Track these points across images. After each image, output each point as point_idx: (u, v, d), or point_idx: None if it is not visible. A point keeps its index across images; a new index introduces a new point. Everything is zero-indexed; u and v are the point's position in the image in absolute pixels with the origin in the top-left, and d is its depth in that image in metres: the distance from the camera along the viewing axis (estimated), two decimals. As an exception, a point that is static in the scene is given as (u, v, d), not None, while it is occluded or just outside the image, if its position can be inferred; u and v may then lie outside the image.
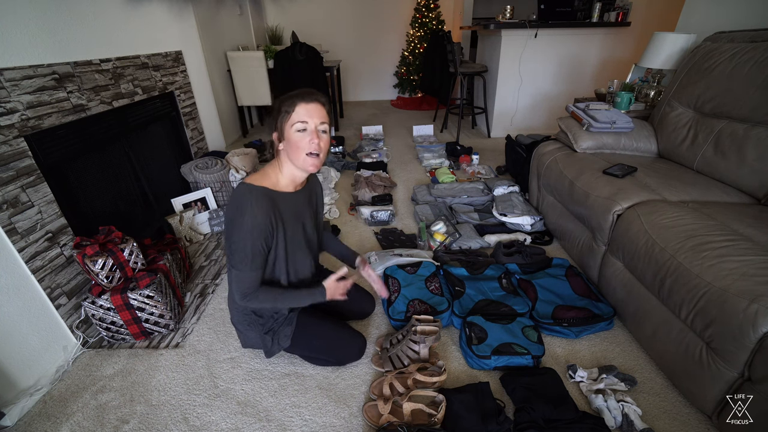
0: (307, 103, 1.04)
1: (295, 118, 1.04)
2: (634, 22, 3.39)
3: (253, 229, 1.03)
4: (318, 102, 1.06)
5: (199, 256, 1.98)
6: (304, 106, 1.04)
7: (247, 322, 1.24)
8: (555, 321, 1.40)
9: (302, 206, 1.20)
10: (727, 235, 1.15)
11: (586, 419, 1.08)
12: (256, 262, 1.08)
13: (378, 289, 1.37)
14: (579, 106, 2.07)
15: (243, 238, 1.04)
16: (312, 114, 1.04)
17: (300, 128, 1.03)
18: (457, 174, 2.91)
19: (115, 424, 1.16)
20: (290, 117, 1.04)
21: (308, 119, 1.04)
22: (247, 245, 1.04)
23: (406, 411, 1.10)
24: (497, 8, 3.94)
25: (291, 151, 1.06)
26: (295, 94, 1.06)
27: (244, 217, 1.03)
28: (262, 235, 1.05)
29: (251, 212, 1.03)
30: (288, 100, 1.05)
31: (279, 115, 1.06)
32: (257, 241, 1.05)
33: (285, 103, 1.05)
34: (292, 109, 1.04)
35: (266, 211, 1.04)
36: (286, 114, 1.04)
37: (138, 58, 2.00)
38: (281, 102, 1.06)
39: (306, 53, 3.56)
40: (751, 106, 1.53)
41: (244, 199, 1.04)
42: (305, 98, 1.05)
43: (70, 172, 1.56)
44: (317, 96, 1.07)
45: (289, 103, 1.04)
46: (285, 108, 1.05)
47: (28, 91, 1.34)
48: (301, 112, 1.03)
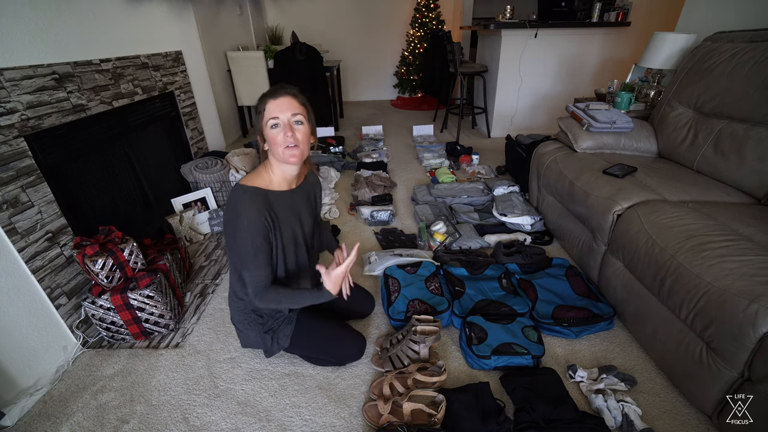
0: (275, 99, 1.06)
1: (267, 115, 1.06)
2: (634, 22, 3.39)
3: (249, 227, 1.04)
4: (287, 95, 1.07)
5: (199, 256, 1.98)
6: (273, 102, 1.05)
7: (247, 321, 1.25)
8: (555, 321, 1.40)
9: (299, 204, 1.21)
10: (727, 235, 1.15)
11: (586, 419, 1.08)
12: (259, 259, 1.08)
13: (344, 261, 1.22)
14: (579, 106, 2.07)
15: (243, 238, 1.05)
16: (282, 108, 1.05)
17: (273, 124, 1.05)
18: (457, 174, 2.91)
19: (115, 424, 1.16)
20: (263, 116, 1.06)
21: (279, 114, 1.05)
22: (248, 244, 1.05)
23: (406, 411, 1.10)
24: (497, 8, 3.94)
25: (272, 148, 1.08)
26: (266, 92, 1.08)
27: (240, 218, 1.04)
28: (260, 233, 1.06)
29: (246, 212, 1.04)
30: (260, 99, 1.08)
31: (256, 117, 1.09)
32: (257, 239, 1.06)
33: (258, 104, 1.08)
34: (264, 107, 1.06)
35: (259, 210, 1.06)
36: (259, 114, 1.07)
37: (138, 58, 2.00)
38: (257, 103, 1.09)
39: (306, 53, 3.56)
40: (751, 106, 1.53)
41: (238, 200, 1.06)
42: (274, 94, 1.06)
43: (70, 172, 1.55)
44: (287, 89, 1.08)
45: (261, 102, 1.07)
46: (258, 108, 1.08)
47: (28, 91, 1.34)
48: (272, 109, 1.05)
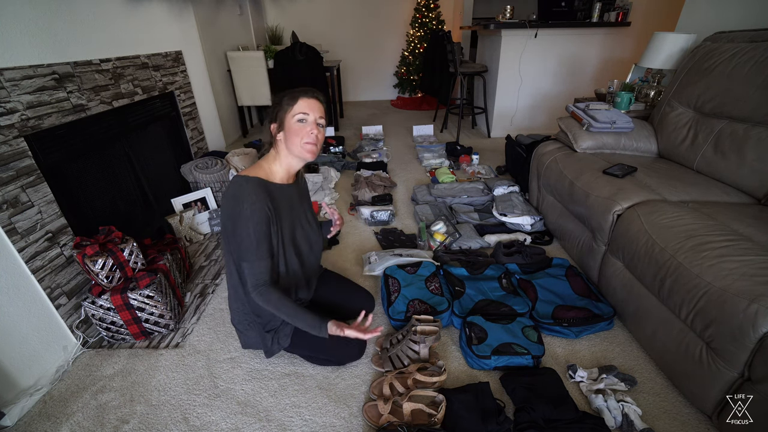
0: (308, 99, 1.12)
1: (297, 109, 1.11)
2: (634, 22, 3.39)
3: (252, 215, 1.05)
4: (318, 99, 1.15)
5: (199, 256, 1.98)
6: (306, 101, 1.12)
7: (247, 322, 1.25)
8: (555, 321, 1.40)
9: (296, 200, 1.24)
10: (727, 235, 1.15)
11: (586, 419, 1.08)
12: (262, 248, 1.08)
13: (333, 216, 1.39)
14: (579, 106, 2.07)
15: (245, 226, 1.05)
16: (313, 108, 1.12)
17: (300, 119, 1.11)
18: (457, 174, 2.91)
19: (115, 424, 1.16)
20: (292, 109, 1.11)
21: (309, 111, 1.12)
22: (250, 233, 1.06)
23: (406, 411, 1.10)
24: (497, 8, 3.94)
25: (289, 139, 1.12)
26: (297, 90, 1.14)
27: (242, 206, 1.04)
28: (263, 221, 1.07)
29: (249, 200, 1.05)
30: (290, 94, 1.13)
31: (280, 107, 1.13)
32: (260, 227, 1.07)
33: (287, 97, 1.13)
34: (294, 102, 1.11)
35: (262, 198, 1.07)
36: (288, 106, 1.12)
37: (138, 58, 2.00)
38: (283, 96, 1.14)
39: (306, 53, 3.56)
40: (751, 106, 1.53)
41: (240, 190, 1.07)
42: (307, 94, 1.13)
43: (70, 172, 1.55)
44: (317, 94, 1.16)
45: (291, 97, 1.12)
46: (287, 101, 1.12)
47: (28, 91, 1.34)
48: (303, 105, 1.11)
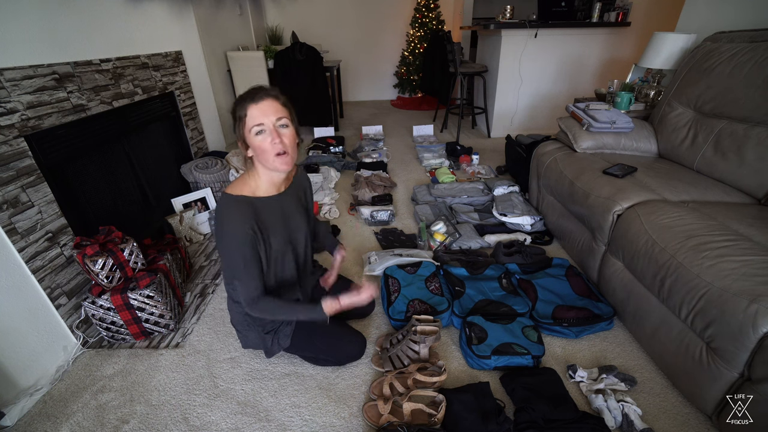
0: (257, 103, 0.98)
1: (250, 122, 0.99)
2: (634, 22, 3.39)
3: (234, 238, 1.02)
4: (269, 97, 1.00)
5: (199, 256, 1.98)
6: (255, 107, 0.98)
7: (247, 323, 1.25)
8: (555, 321, 1.40)
9: (290, 207, 1.17)
10: (727, 235, 1.15)
11: (586, 419, 1.08)
12: (249, 269, 1.05)
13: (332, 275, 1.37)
14: (579, 106, 2.07)
15: (230, 249, 1.03)
16: (266, 112, 0.98)
17: (258, 131, 0.99)
18: (457, 174, 2.91)
19: (115, 424, 1.16)
20: (245, 122, 0.99)
21: (263, 119, 0.98)
22: (235, 255, 1.03)
23: (406, 411, 1.10)
24: (497, 8, 3.94)
25: (259, 156, 1.02)
26: (244, 95, 1.01)
27: (224, 229, 1.02)
28: (247, 243, 1.03)
29: (229, 224, 1.01)
30: (239, 104, 1.00)
31: (235, 122, 1.02)
32: (245, 250, 1.03)
33: (237, 108, 1.00)
34: (245, 113, 0.99)
35: (245, 219, 1.02)
36: (239, 121, 1.00)
37: (138, 58, 2.00)
38: (234, 107, 1.01)
39: (306, 53, 3.56)
40: (751, 106, 1.53)
41: (223, 211, 1.03)
42: (254, 98, 0.99)
43: (70, 172, 1.56)
44: (267, 91, 1.01)
45: (239, 107, 1.00)
46: (237, 113, 1.00)
47: (29, 91, 1.34)
48: (254, 114, 0.98)
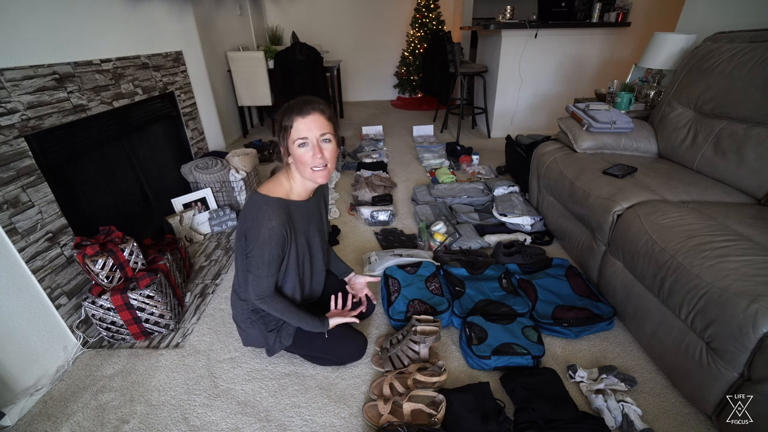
0: (304, 117, 1.00)
1: (295, 134, 1.01)
2: (634, 22, 3.39)
3: (269, 239, 1.04)
4: (316, 111, 1.01)
5: (199, 256, 1.98)
6: (302, 121, 1.00)
7: (251, 320, 1.25)
8: (555, 321, 1.40)
9: (313, 212, 1.22)
10: (727, 235, 1.15)
11: (586, 419, 1.08)
12: (272, 268, 1.09)
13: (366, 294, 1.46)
14: (579, 106, 2.07)
15: (260, 248, 1.05)
16: (311, 127, 1.01)
17: (301, 143, 1.02)
18: (457, 174, 2.91)
19: (115, 424, 1.16)
20: (290, 133, 1.02)
21: (308, 134, 1.01)
22: (264, 254, 1.06)
23: (406, 411, 1.10)
24: (497, 8, 3.94)
25: (298, 167, 1.06)
26: (292, 105, 1.02)
27: (261, 229, 1.04)
28: (278, 244, 1.07)
29: (268, 224, 1.03)
30: (286, 114, 1.02)
31: (280, 131, 1.04)
32: (274, 250, 1.07)
33: (284, 118, 1.02)
34: (291, 124, 1.01)
35: (282, 222, 1.05)
36: (284, 130, 1.03)
37: (138, 58, 2.00)
38: (281, 116, 1.04)
39: (306, 53, 3.56)
40: (751, 106, 1.53)
41: (260, 211, 1.05)
42: (302, 111, 1.00)
43: (71, 172, 1.56)
44: (315, 105, 1.02)
45: (286, 117, 1.01)
46: (283, 123, 1.02)
47: (29, 91, 1.34)
48: (300, 128, 1.00)
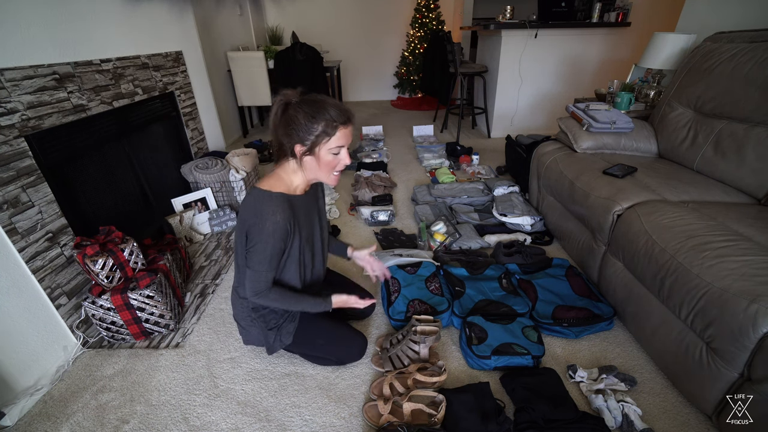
0: (346, 127, 1.04)
1: (334, 143, 1.03)
2: (634, 22, 3.39)
3: (273, 233, 1.05)
4: (352, 123, 1.06)
5: (199, 256, 1.98)
6: (344, 131, 1.03)
7: (251, 318, 1.25)
8: (555, 321, 1.40)
9: (312, 206, 1.23)
10: (727, 235, 1.15)
11: (586, 419, 1.08)
12: (273, 263, 1.10)
13: (378, 270, 1.44)
14: (579, 106, 2.07)
15: (264, 242, 1.05)
16: (349, 137, 1.06)
17: (336, 152, 1.06)
18: (457, 174, 2.91)
19: (115, 424, 1.16)
20: (329, 141, 1.03)
21: (345, 143, 1.06)
22: (267, 249, 1.06)
23: (406, 411, 1.10)
24: (497, 8, 3.95)
25: (320, 168, 1.08)
26: (334, 113, 1.01)
27: (265, 224, 1.03)
28: (282, 238, 1.07)
29: (272, 219, 1.03)
30: (330, 121, 1.01)
31: (315, 134, 1.01)
32: (277, 244, 1.07)
33: (322, 123, 1.00)
34: (333, 132, 1.02)
35: (286, 216, 1.06)
36: (325, 135, 1.02)
37: (138, 58, 2.00)
38: (314, 117, 1.00)
39: (306, 53, 3.56)
40: (751, 106, 1.53)
41: (263, 206, 1.05)
42: (346, 121, 1.03)
43: (71, 172, 1.56)
44: (352, 115, 1.06)
45: (331, 126, 1.01)
46: (324, 128, 1.01)
47: (29, 91, 1.34)
48: (341, 137, 1.03)
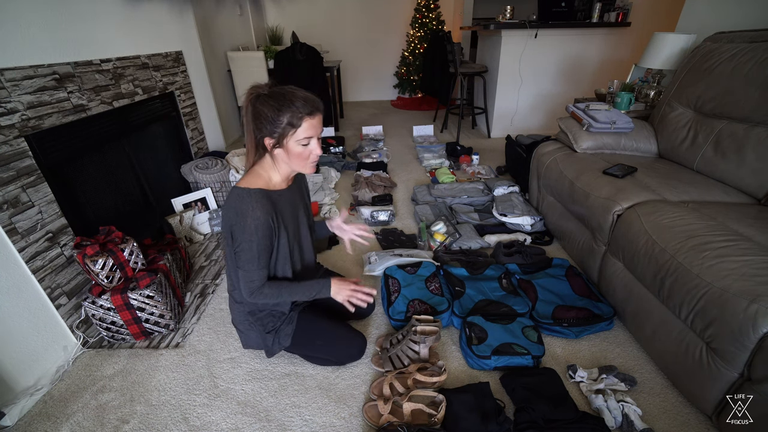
0: (312, 117, 1.01)
1: (301, 134, 1.01)
2: (634, 22, 3.39)
3: (256, 230, 1.04)
4: (320, 112, 1.04)
5: (199, 256, 1.98)
6: (310, 121, 1.01)
7: (248, 322, 1.25)
8: (555, 321, 1.40)
9: (297, 200, 1.23)
10: (727, 235, 1.15)
11: (586, 419, 1.08)
12: (262, 260, 1.09)
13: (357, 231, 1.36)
14: (579, 106, 2.07)
15: (248, 240, 1.05)
16: (317, 127, 1.03)
17: (305, 143, 1.04)
18: (457, 174, 2.91)
19: (115, 424, 1.16)
20: (296, 132, 1.01)
21: (313, 134, 1.03)
22: (252, 246, 1.05)
23: (406, 411, 1.10)
24: (497, 8, 3.94)
25: (292, 160, 1.07)
26: (299, 105, 0.99)
27: (246, 221, 1.03)
28: (266, 235, 1.07)
29: (253, 215, 1.03)
30: (294, 112, 0.99)
31: (281, 127, 1.00)
32: (262, 241, 1.06)
33: (287, 114, 0.99)
34: (299, 123, 1.00)
35: (267, 211, 1.05)
36: (290, 127, 1.00)
37: (138, 58, 2.00)
38: (282, 112, 0.99)
39: (306, 53, 3.56)
40: (751, 106, 1.53)
41: (243, 203, 1.04)
42: (312, 112, 1.00)
43: (71, 172, 1.56)
44: (319, 106, 1.03)
45: (296, 117, 0.99)
46: (290, 120, 0.99)
47: (29, 91, 1.34)
48: (308, 128, 1.01)
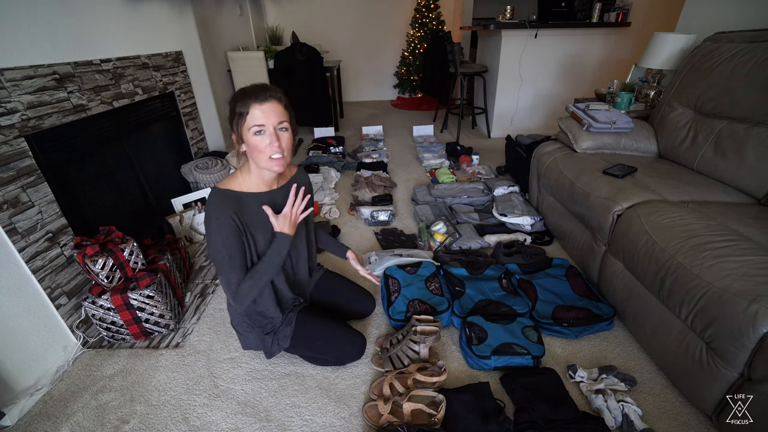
0: (261, 103, 0.96)
1: (251, 121, 0.97)
2: (634, 22, 3.39)
3: (219, 230, 1.03)
4: (274, 99, 0.98)
5: (199, 256, 1.98)
6: (259, 107, 0.96)
7: (246, 324, 1.25)
8: (555, 321, 1.40)
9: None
10: (727, 235, 1.15)
11: (586, 419, 1.08)
12: (234, 261, 1.06)
13: (371, 278, 1.44)
14: (579, 106, 2.07)
15: (215, 241, 1.04)
16: (268, 114, 0.97)
17: (257, 131, 0.98)
18: (457, 174, 2.91)
19: (115, 424, 1.16)
20: (245, 120, 0.97)
21: (265, 121, 0.97)
22: (219, 247, 1.04)
23: (406, 411, 1.10)
24: (497, 8, 3.94)
25: (253, 155, 1.02)
26: (248, 91, 0.98)
27: (210, 221, 1.03)
28: (231, 235, 1.04)
29: (214, 214, 1.03)
30: (241, 100, 0.97)
31: (233, 117, 0.99)
32: (229, 240, 1.04)
33: (238, 104, 0.97)
34: (246, 110, 0.96)
35: (227, 212, 1.02)
36: (240, 116, 0.98)
37: (138, 58, 2.00)
38: (234, 101, 0.98)
39: (306, 53, 3.56)
40: (751, 106, 1.53)
41: (209, 204, 1.05)
42: (259, 97, 0.96)
43: (71, 172, 1.56)
44: (272, 92, 0.99)
45: (243, 104, 0.97)
46: (239, 109, 0.97)
47: (29, 91, 1.34)
48: (257, 114, 0.96)
